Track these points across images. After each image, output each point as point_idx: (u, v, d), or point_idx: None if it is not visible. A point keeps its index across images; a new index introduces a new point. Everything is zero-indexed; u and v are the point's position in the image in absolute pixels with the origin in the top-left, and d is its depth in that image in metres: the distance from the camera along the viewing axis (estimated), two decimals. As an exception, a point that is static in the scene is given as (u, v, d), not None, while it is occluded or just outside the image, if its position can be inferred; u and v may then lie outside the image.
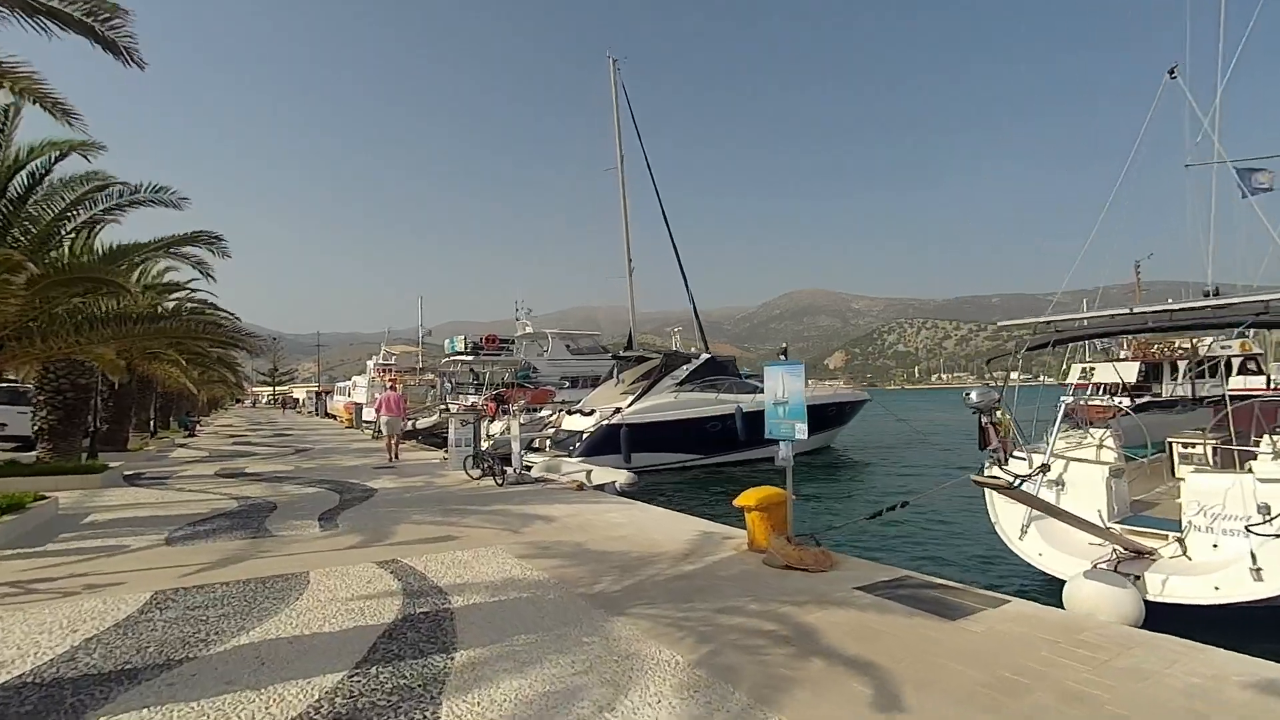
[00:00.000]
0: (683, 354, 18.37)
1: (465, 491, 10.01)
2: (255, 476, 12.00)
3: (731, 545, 6.16)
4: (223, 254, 10.82)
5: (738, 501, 6.07)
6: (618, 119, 24.16)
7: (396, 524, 7.39)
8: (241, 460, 15.29)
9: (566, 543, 6.38)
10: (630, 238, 23.89)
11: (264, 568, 5.43)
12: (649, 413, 16.22)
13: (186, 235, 9.84)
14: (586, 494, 9.75)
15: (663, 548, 6.14)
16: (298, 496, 9.51)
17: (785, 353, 5.79)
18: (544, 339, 29.90)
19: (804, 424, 5.49)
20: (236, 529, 7.11)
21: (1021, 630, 3.87)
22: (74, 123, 6.62)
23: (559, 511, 8.11)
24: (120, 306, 8.90)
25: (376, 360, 40.91)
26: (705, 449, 17.09)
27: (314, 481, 11.16)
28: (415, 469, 13.28)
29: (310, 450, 18.08)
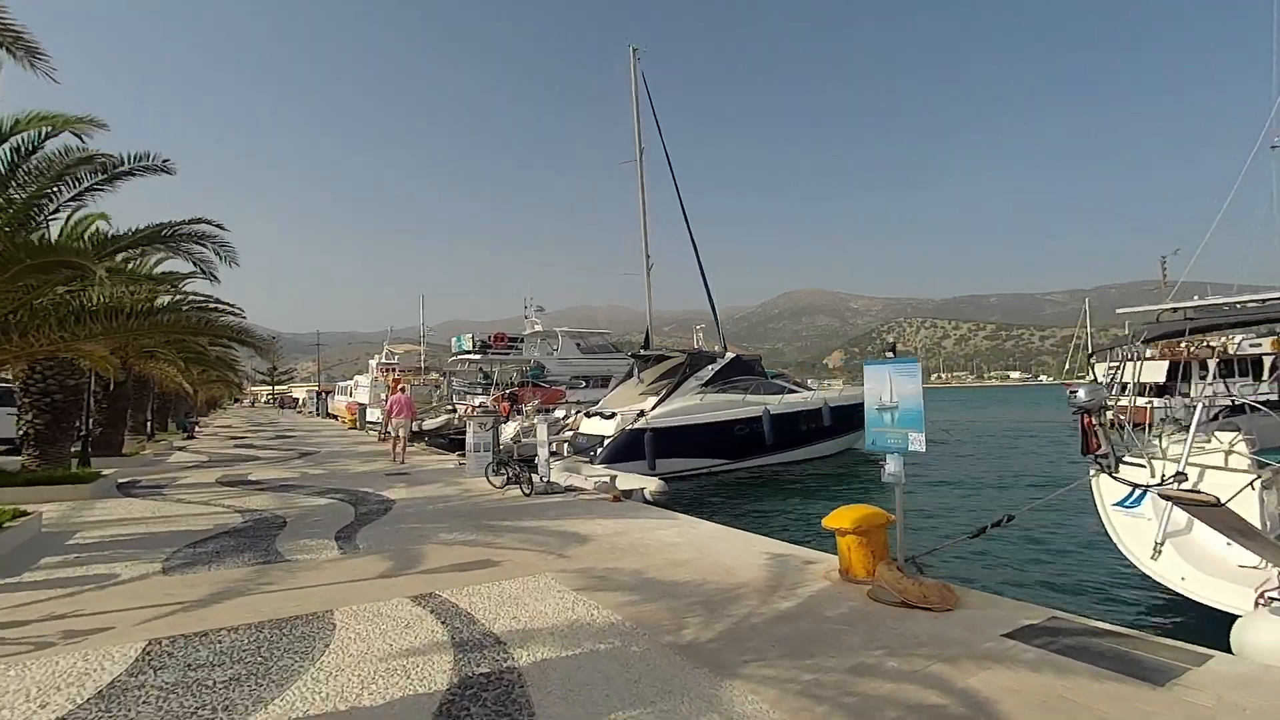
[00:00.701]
0: (707, 353, 17.52)
1: (491, 503, 9.15)
2: (260, 485, 11.13)
3: (818, 573, 5.31)
4: (228, 258, 9.85)
5: (829, 522, 5.22)
6: (636, 110, 23.30)
7: (424, 544, 6.53)
8: (244, 466, 14.41)
9: (624, 570, 5.52)
10: (648, 233, 23.03)
11: (278, 605, 4.57)
12: (674, 416, 15.37)
13: (185, 223, 8.83)
14: (625, 506, 8.89)
15: (739, 576, 5.29)
16: (309, 509, 8.64)
17: (894, 350, 4.94)
18: (554, 337, 29.04)
19: (921, 433, 4.63)
20: (243, 551, 6.25)
21: (1267, 703, 3.01)
22: (38, 63, 5.72)
23: (602, 528, 7.25)
24: (112, 299, 8.01)
25: (379, 359, 40.01)
26: (732, 453, 16.24)
27: (324, 491, 10.29)
28: (430, 475, 12.42)
29: (316, 454, 17.21)
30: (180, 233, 8.97)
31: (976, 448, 22.82)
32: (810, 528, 10.44)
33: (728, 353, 17.90)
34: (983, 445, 23.78)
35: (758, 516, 11.41)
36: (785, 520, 11.12)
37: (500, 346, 27.55)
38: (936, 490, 14.51)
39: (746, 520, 10.68)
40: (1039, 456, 20.88)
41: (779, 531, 9.75)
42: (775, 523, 10.83)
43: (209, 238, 9.39)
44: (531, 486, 9.68)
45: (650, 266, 22.53)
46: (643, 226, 23.27)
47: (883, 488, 5.54)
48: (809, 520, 11.10)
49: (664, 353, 18.70)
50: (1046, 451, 22.36)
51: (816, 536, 9.61)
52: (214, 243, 9.48)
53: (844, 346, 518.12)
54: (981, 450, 22.17)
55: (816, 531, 10.15)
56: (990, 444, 24.52)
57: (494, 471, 10.73)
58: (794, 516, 11.46)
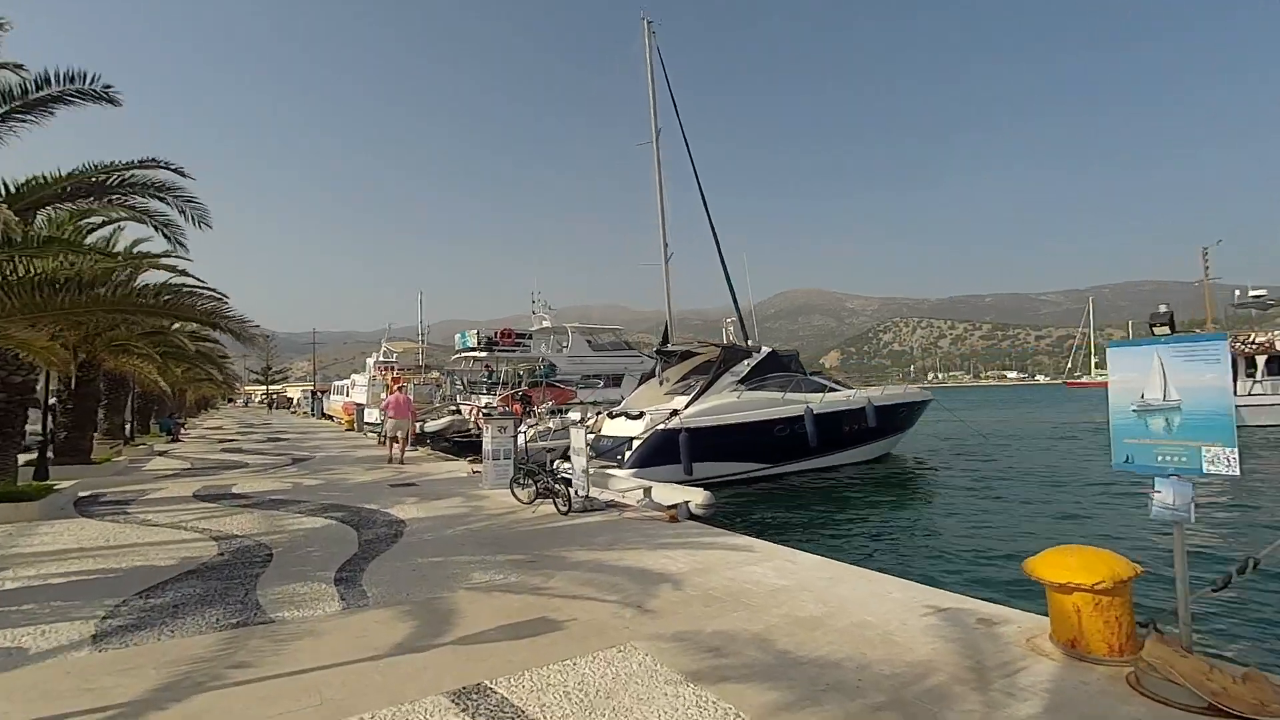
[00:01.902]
0: (741, 348, 15.97)
1: (523, 525, 7.57)
2: (244, 500, 9.52)
3: (1017, 640, 3.78)
4: (197, 217, 8.05)
5: (1042, 570, 3.68)
6: (652, 88, 21.76)
7: (452, 589, 4.96)
8: (229, 474, 12.78)
9: (739, 636, 3.97)
10: (666, 220, 21.48)
11: (253, 715, 2.99)
12: (711, 415, 13.82)
13: (133, 165, 7.06)
14: (688, 529, 7.32)
15: (907, 647, 3.75)
16: (301, 535, 7.04)
17: (1171, 322, 3.37)
18: (563, 334, 27.43)
19: (1231, 448, 3.06)
20: (212, 603, 4.66)
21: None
22: None
23: (675, 563, 5.70)
24: (50, 269, 6.40)
25: (376, 358, 38.32)
26: (772, 457, 14.71)
27: (321, 508, 8.69)
28: (441, 487, 10.83)
29: (310, 460, 15.58)
30: (130, 181, 7.25)
31: (1035, 454, 21.24)
32: (903, 554, 8.88)
33: (762, 347, 16.35)
34: (1036, 449, 22.20)
35: (829, 536, 9.87)
36: (865, 542, 9.56)
37: (507, 343, 25.93)
38: (998, 499, 13.00)
39: (819, 543, 9.15)
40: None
41: (865, 559, 8.21)
42: (854, 546, 9.29)
43: (168, 189, 7.68)
44: (569, 503, 8.11)
45: (669, 256, 20.99)
46: (660, 212, 21.73)
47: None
48: (894, 542, 9.54)
49: (690, 348, 17.14)
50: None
51: (912, 564, 8.08)
52: (176, 196, 7.77)
53: (840, 346, 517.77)
54: (1038, 455, 20.61)
55: (915, 558, 8.60)
56: (1042, 447, 22.94)
57: (519, 483, 9.17)
58: (871, 536, 9.90)
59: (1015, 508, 12.05)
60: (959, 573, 7.85)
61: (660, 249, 21.48)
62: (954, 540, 9.49)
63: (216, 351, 21.29)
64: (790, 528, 10.46)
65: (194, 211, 8.07)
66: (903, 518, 11.29)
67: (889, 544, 9.37)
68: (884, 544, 9.40)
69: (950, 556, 8.63)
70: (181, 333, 16.19)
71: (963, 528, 10.39)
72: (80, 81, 6.13)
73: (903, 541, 9.55)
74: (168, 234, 8.54)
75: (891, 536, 9.89)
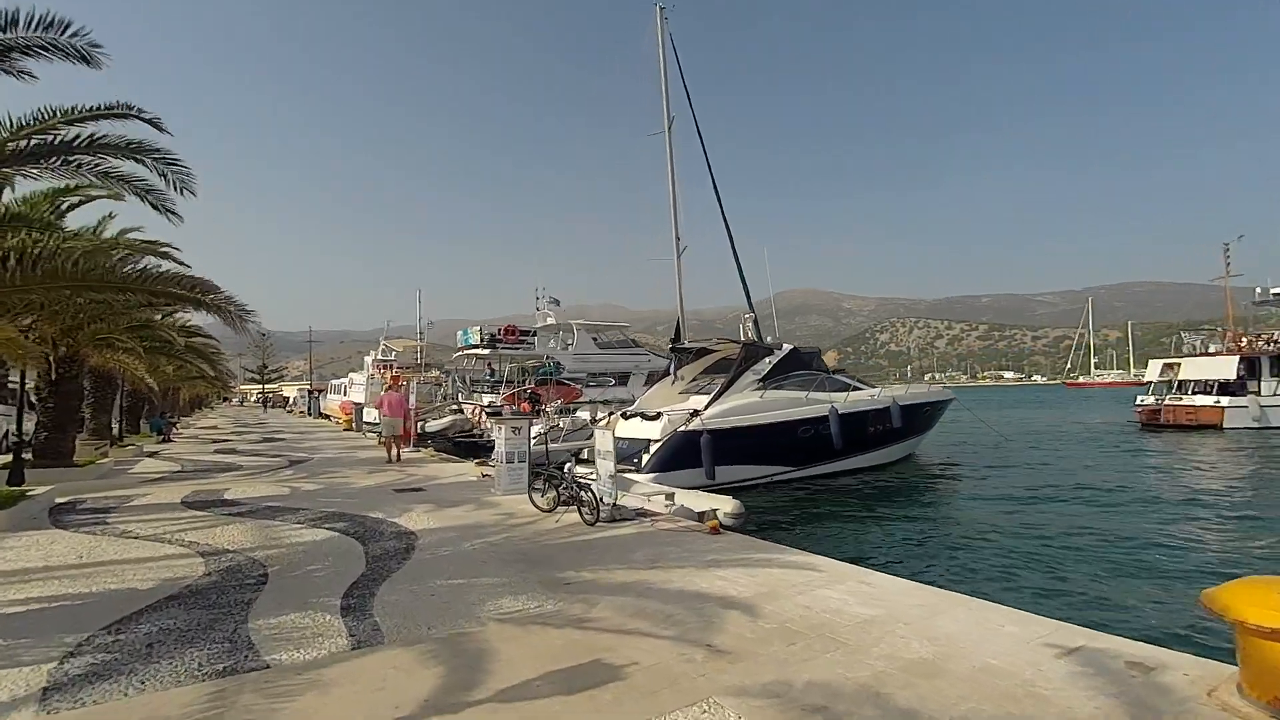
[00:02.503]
0: (762, 344, 15.22)
1: (549, 537, 6.81)
2: (237, 507, 8.72)
3: (1194, 691, 3.06)
4: (180, 183, 7.12)
5: (1243, 611, 2.93)
6: (664, 75, 21.00)
7: (479, 622, 4.19)
8: (221, 478, 11.98)
9: (845, 687, 3.22)
10: (679, 213, 20.72)
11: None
12: (734, 415, 13.08)
13: (99, 112, 6.13)
14: (734, 543, 6.56)
15: (1063, 703, 3.01)
16: (300, 550, 6.26)
17: None
18: (568, 331, 26.64)
19: None
20: (194, 640, 3.89)
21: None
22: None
23: (733, 584, 4.95)
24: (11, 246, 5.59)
25: (375, 356, 37.46)
26: (796, 460, 13.98)
27: (321, 517, 7.90)
28: (450, 492, 10.06)
29: (308, 462, 14.77)
30: (101, 142, 6.30)
31: (1069, 455, 20.44)
32: (967, 570, 8.10)
33: (784, 345, 15.60)
34: (1065, 450, 21.40)
35: (875, 548, 9.12)
36: (918, 556, 8.78)
37: (511, 340, 25.12)
38: (1042, 505, 12.26)
39: (869, 557, 8.42)
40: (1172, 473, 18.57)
41: (925, 574, 7.48)
42: (910, 560, 8.54)
43: (146, 151, 6.77)
44: (596, 512, 7.34)
45: (683, 249, 20.23)
46: (672, 204, 20.97)
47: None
48: (952, 557, 8.74)
49: (706, 345, 16.38)
50: (1167, 463, 20.11)
51: (978, 582, 7.30)
52: (156, 158, 6.85)
53: (837, 346, 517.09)
54: (1075, 458, 19.82)
55: (978, 575, 7.82)
56: (1069, 448, 22.13)
57: (538, 489, 8.40)
58: (920, 548, 9.13)
59: (1066, 518, 11.31)
60: (1039, 593, 7.11)
61: (672, 242, 20.72)
62: (1012, 554, 8.75)
63: (209, 348, 20.43)
64: (828, 539, 9.71)
65: (176, 176, 7.16)
66: (947, 528, 10.55)
67: (947, 558, 8.62)
68: (941, 558, 8.66)
69: (1016, 573, 7.89)
70: (171, 328, 15.37)
71: (1016, 540, 9.66)
72: (56, 30, 5.18)
73: (958, 555, 8.79)
74: (154, 202, 7.58)
75: (944, 549, 9.14)
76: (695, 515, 9.01)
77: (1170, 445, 22.00)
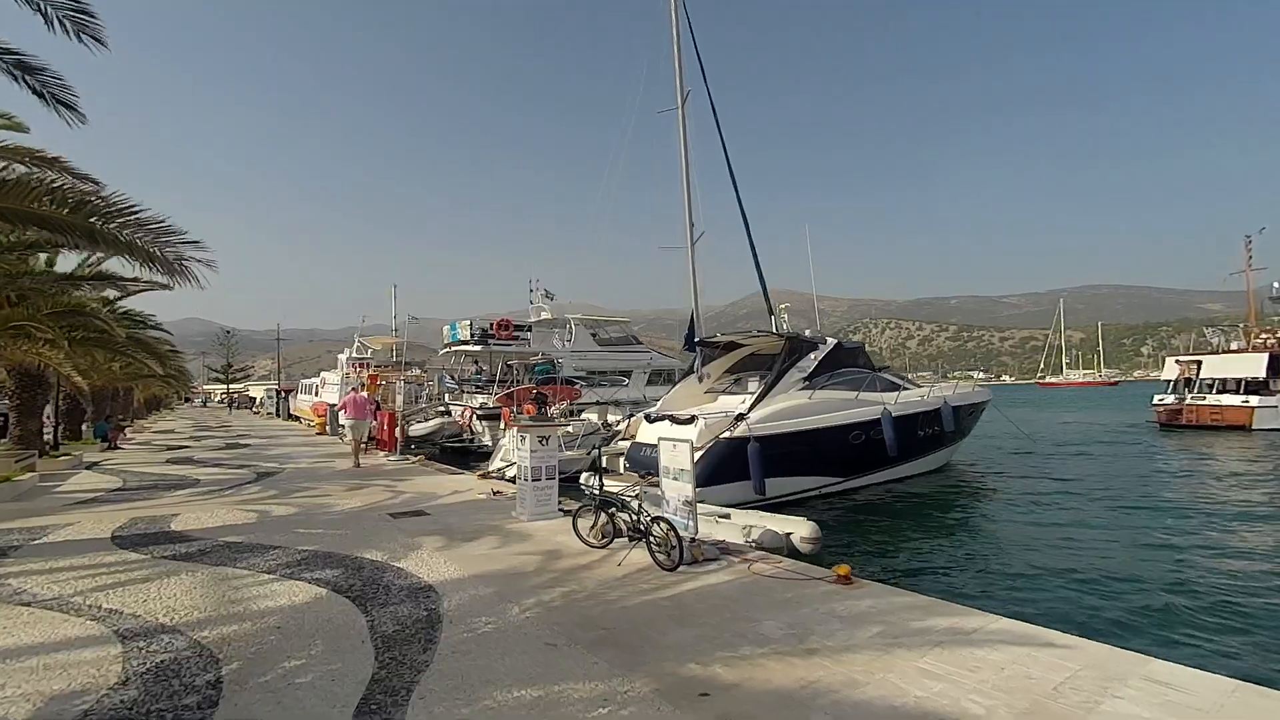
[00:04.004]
0: (806, 338, 13.51)
1: (621, 591, 4.95)
2: (185, 544, 6.67)
3: None
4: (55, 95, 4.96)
5: None
6: (677, 48, 19.19)
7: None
8: (170, 498, 9.83)
9: None
10: (692, 196, 18.94)
11: None
12: (783, 419, 11.34)
13: None
14: (875, 595, 4.77)
15: None
16: (272, 626, 4.28)
17: None
18: (565, 326, 24.64)
19: None
20: None
21: None
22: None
23: (962, 690, 3.20)
24: None
25: (350, 353, 34.98)
26: (847, 468, 12.31)
27: (300, 561, 5.90)
28: (460, 516, 8.12)
29: (279, 475, 12.60)
30: None
31: (1109, 460, 19.02)
32: (1135, 619, 6.39)
33: (827, 338, 13.90)
34: (1100, 455, 19.99)
35: (1005, 590, 7.38)
36: (1058, 603, 7.03)
37: (504, 337, 23.04)
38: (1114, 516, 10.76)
39: (987, 599, 6.72)
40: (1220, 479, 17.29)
41: (1095, 632, 5.79)
42: (1046, 603, 6.81)
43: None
44: (678, 552, 5.49)
45: (699, 235, 18.46)
46: (685, 188, 19.16)
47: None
48: (1085, 599, 6.99)
49: (736, 339, 14.61)
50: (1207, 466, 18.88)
51: (1162, 636, 5.60)
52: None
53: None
54: (1116, 464, 18.42)
55: (1162, 627, 6.12)
56: (1102, 452, 20.76)
57: (583, 516, 6.53)
58: (1051, 589, 7.41)
59: (1166, 541, 9.78)
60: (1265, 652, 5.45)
61: (685, 229, 18.93)
62: (1146, 589, 7.14)
63: (160, 342, 17.91)
64: (933, 573, 7.98)
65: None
66: (1040, 553, 8.89)
67: (1077, 599, 6.90)
68: (1069, 597, 6.96)
69: (1190, 621, 6.23)
70: (112, 314, 13.01)
71: (1137, 570, 8.08)
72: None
73: (1084, 594, 7.10)
74: (36, 86, 5.41)
75: (1060, 584, 7.47)
76: (782, 542, 7.29)
77: (1206, 447, 20.92)
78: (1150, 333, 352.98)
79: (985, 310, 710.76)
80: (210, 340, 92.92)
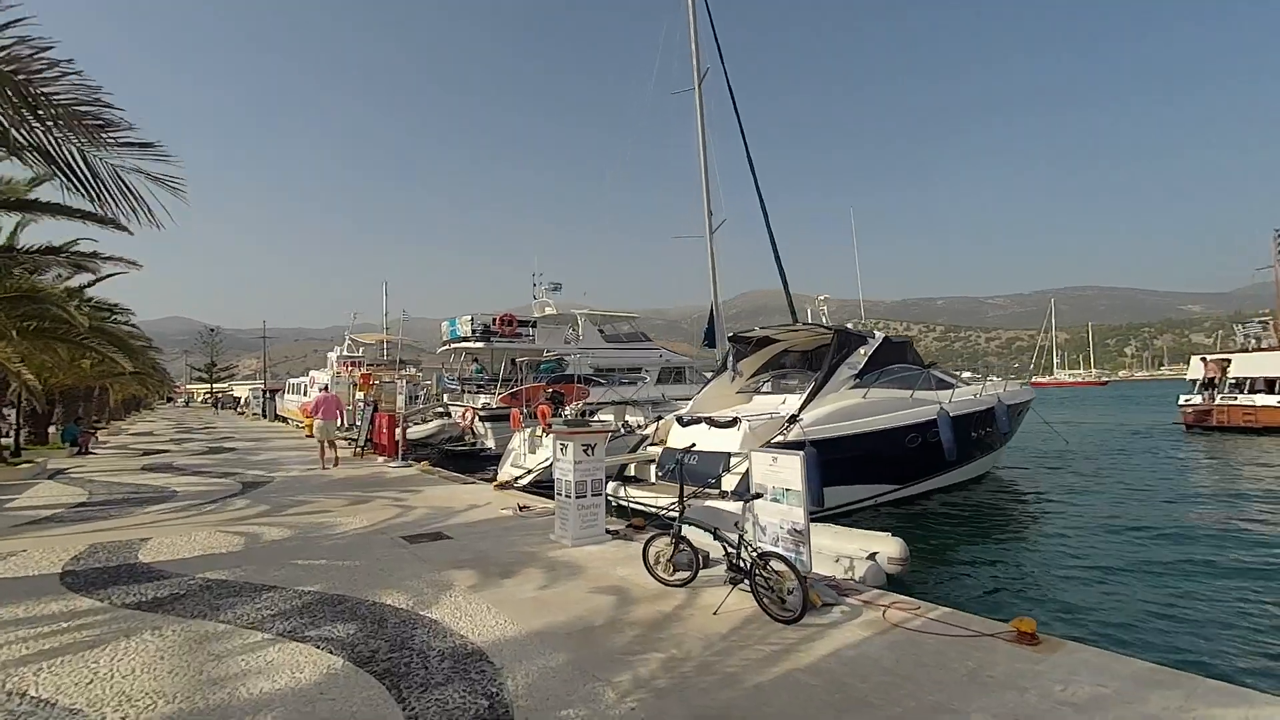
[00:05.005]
0: (855, 331, 12.31)
1: (743, 661, 3.69)
2: (154, 586, 5.33)
3: None
4: None
5: None
6: (693, 21, 17.97)
7: None
8: (141, 516, 8.44)
9: None
10: (709, 183, 17.73)
11: None
12: (839, 421, 10.15)
13: None
14: (1091, 670, 3.55)
15: None
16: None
17: None
18: (571, 322, 23.31)
19: None
20: None
21: None
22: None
23: None
24: None
25: (340, 352, 33.44)
26: (902, 475, 11.14)
27: (302, 610, 4.59)
28: (488, 540, 6.83)
29: (268, 485, 11.21)
30: None
31: (1156, 466, 17.91)
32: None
33: (875, 332, 12.71)
34: (1146, 462, 18.85)
35: (1158, 629, 6.18)
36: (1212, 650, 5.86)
37: (508, 333, 21.68)
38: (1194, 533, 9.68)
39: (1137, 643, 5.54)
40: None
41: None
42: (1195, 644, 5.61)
43: None
44: (798, 597, 4.25)
45: (720, 223, 17.26)
46: (703, 173, 17.97)
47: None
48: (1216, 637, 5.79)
49: (771, 333, 13.38)
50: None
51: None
52: None
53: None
54: (1162, 470, 17.31)
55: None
56: (1145, 458, 19.62)
57: (667, 555, 5.23)
58: (1183, 629, 6.25)
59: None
60: None
61: (704, 217, 17.72)
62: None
63: (131, 335, 16.32)
64: (1056, 606, 6.78)
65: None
66: (1147, 581, 7.75)
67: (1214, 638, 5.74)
68: (1203, 637, 5.79)
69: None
70: (83, 303, 11.53)
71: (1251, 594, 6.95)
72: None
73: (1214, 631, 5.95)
74: None
75: (1190, 620, 6.32)
76: (883, 574, 6.09)
77: (1250, 450, 20.01)
78: (1134, 333, 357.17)
79: (972, 311, 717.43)
80: (193, 339, 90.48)
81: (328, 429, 13.85)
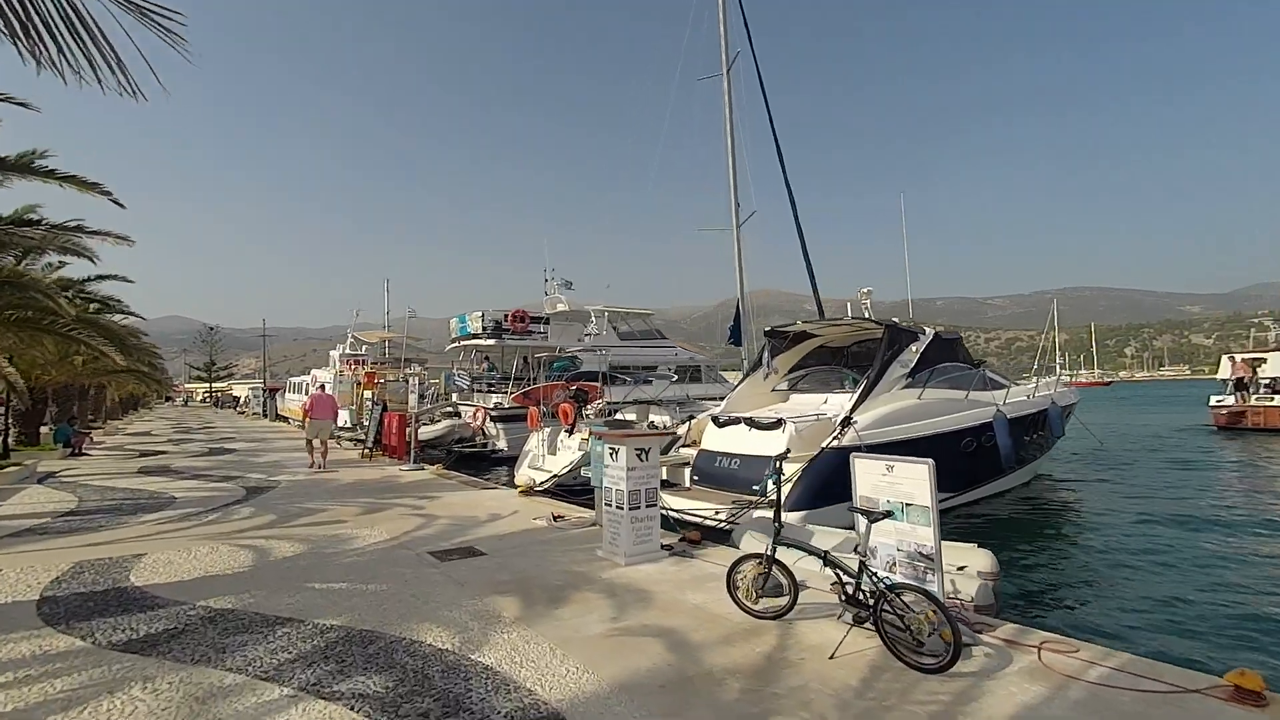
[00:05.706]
0: (906, 327, 11.50)
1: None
2: (147, 620, 4.52)
3: None
4: None
5: None
6: (723, 5, 17.20)
7: None
8: (134, 528, 7.62)
9: None
10: (737, 174, 16.95)
11: None
12: (894, 424, 9.34)
13: None
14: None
15: None
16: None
17: None
18: (585, 318, 22.49)
19: None
20: None
21: None
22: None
23: None
24: None
25: (343, 349, 32.59)
26: (957, 481, 10.34)
27: (324, 650, 3.78)
28: (525, 557, 6.02)
29: (273, 491, 10.39)
30: None
31: (1191, 468, 17.12)
32: None
33: (925, 328, 11.88)
34: (1181, 469, 18.06)
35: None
36: None
37: (520, 329, 20.86)
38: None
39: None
40: None
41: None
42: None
43: None
44: (942, 648, 3.45)
45: (748, 215, 16.47)
46: (730, 163, 17.22)
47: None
48: None
49: (809, 328, 12.54)
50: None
51: None
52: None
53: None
54: (1199, 472, 16.54)
55: None
56: (1181, 460, 18.83)
57: (762, 583, 4.38)
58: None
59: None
60: None
61: (731, 210, 16.94)
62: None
63: (124, 329, 15.47)
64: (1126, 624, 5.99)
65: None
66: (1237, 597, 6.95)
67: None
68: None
69: None
70: (81, 295, 10.70)
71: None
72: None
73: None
74: None
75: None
76: (991, 596, 5.28)
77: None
78: (1133, 334, 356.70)
79: (972, 311, 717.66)
80: (191, 338, 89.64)
81: (322, 428, 13.53)
